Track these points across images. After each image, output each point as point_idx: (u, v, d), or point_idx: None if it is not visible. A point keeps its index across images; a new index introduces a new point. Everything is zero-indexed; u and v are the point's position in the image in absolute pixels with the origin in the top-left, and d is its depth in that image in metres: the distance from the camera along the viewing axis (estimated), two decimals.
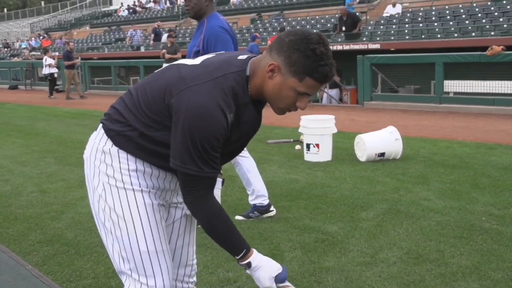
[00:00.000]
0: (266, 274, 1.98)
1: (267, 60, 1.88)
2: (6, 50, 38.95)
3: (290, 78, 1.85)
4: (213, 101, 1.82)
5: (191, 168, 1.85)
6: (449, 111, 11.86)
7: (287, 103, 1.92)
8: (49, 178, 6.48)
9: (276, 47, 1.88)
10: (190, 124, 1.81)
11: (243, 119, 1.93)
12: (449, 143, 8.01)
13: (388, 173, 6.23)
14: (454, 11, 18.92)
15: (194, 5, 4.22)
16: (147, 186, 2.01)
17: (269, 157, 7.29)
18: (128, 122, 1.96)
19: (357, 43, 17.55)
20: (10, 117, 13.40)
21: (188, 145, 1.83)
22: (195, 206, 1.94)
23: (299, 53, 1.82)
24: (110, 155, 1.99)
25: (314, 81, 1.85)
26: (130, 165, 1.99)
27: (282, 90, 1.88)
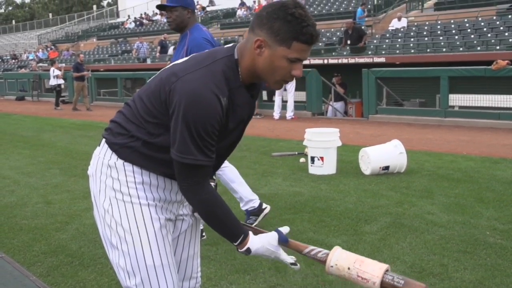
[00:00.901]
0: (269, 251, 2.02)
1: (252, 39, 1.90)
2: (14, 61, 39.25)
3: (279, 48, 1.86)
4: (206, 86, 1.84)
5: (186, 157, 1.86)
6: (454, 125, 11.86)
7: (282, 74, 1.92)
8: (54, 189, 6.51)
9: (257, 23, 1.90)
10: (184, 111, 1.82)
11: (237, 103, 1.94)
12: (454, 157, 8.01)
13: (392, 186, 6.23)
14: (459, 25, 18.97)
15: (176, 17, 4.22)
16: (153, 199, 2.03)
17: (273, 170, 7.30)
18: (130, 133, 1.99)
19: (362, 57, 17.61)
20: (17, 128, 13.47)
21: (184, 132, 1.84)
22: (190, 193, 1.94)
23: (280, 21, 1.84)
24: (116, 169, 2.01)
25: (302, 43, 1.86)
26: (136, 177, 2.00)
27: (274, 62, 1.88)
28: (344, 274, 1.93)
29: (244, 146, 9.31)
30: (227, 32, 27.84)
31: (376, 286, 1.84)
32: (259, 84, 2.10)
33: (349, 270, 1.91)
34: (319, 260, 1.99)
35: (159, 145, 1.96)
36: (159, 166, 2.00)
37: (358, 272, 1.89)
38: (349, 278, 1.92)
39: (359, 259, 1.93)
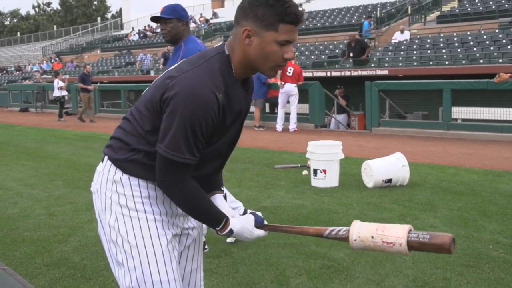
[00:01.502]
0: (248, 231, 2.05)
1: (239, 31, 1.92)
2: (18, 73, 39.44)
3: (266, 33, 1.88)
4: (203, 83, 1.85)
5: (174, 154, 1.87)
6: (457, 138, 11.85)
7: (274, 59, 1.93)
8: (57, 201, 6.52)
9: (240, 15, 1.93)
10: (182, 107, 1.83)
11: (232, 98, 1.95)
12: (457, 170, 8.00)
13: (395, 199, 6.22)
14: (462, 38, 19.04)
15: (171, 29, 4.25)
16: (160, 213, 2.03)
17: (276, 182, 7.30)
18: (131, 146, 2.00)
19: (365, 69, 17.68)
20: (20, 140, 13.51)
21: (178, 128, 1.85)
22: (171, 189, 1.95)
23: (262, 7, 1.87)
24: (122, 184, 2.01)
25: (288, 24, 1.89)
26: (142, 192, 2.01)
27: (265, 49, 1.90)
28: (369, 244, 1.90)
29: (247, 159, 9.33)
30: None
31: (403, 247, 1.82)
32: (251, 79, 2.12)
33: (373, 239, 1.89)
34: (341, 238, 1.97)
35: None
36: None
37: (383, 238, 1.87)
38: (375, 248, 1.90)
39: (380, 226, 1.91)
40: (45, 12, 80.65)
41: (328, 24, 28.20)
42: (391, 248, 1.85)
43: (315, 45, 24.24)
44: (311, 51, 23.24)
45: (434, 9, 25.79)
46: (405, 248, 1.81)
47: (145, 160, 1.98)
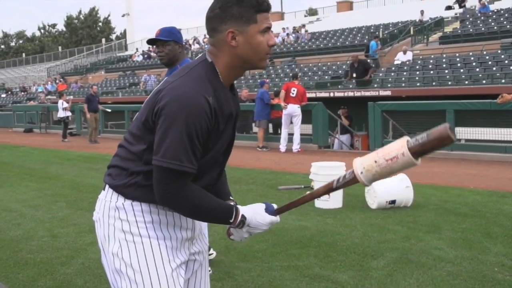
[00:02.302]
0: (260, 216, 2.06)
1: (221, 37, 1.95)
2: (23, 93, 39.68)
3: (248, 27, 1.93)
4: (192, 89, 1.86)
5: (172, 162, 1.82)
6: (461, 158, 11.83)
7: (262, 49, 1.97)
8: (61, 222, 6.52)
9: (215, 22, 1.95)
10: (173, 114, 1.82)
11: (222, 101, 1.95)
12: (461, 190, 7.97)
13: (399, 221, 6.20)
14: (464, 58, 19.13)
15: (169, 51, 4.29)
16: (164, 238, 2.02)
17: (279, 204, 7.25)
18: (130, 170, 1.99)
19: (368, 90, 17.75)
20: (24, 160, 13.54)
21: (173, 135, 1.82)
22: (174, 201, 1.90)
23: (235, 6, 1.92)
24: (125, 210, 2.00)
25: (263, 12, 1.96)
26: (145, 217, 2.00)
27: (252, 43, 1.94)
28: (376, 170, 1.86)
29: (251, 180, 9.33)
30: None
31: (406, 155, 1.79)
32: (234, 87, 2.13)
33: (377, 163, 1.86)
34: (350, 181, 1.95)
35: None
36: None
37: (385, 157, 1.84)
38: (382, 171, 1.86)
39: (379, 150, 1.89)
40: (50, 33, 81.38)
41: (331, 45, 28.38)
42: (396, 163, 1.81)
43: (318, 66, 24.37)
44: (314, 72, 23.37)
45: (436, 30, 25.98)
46: (409, 156, 1.77)
47: (145, 182, 1.97)
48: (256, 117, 15.17)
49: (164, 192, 1.88)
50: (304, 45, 30.10)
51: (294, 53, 28.89)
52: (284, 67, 26.11)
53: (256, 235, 2.24)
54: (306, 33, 32.29)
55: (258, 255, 4.99)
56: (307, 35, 31.94)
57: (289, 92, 13.88)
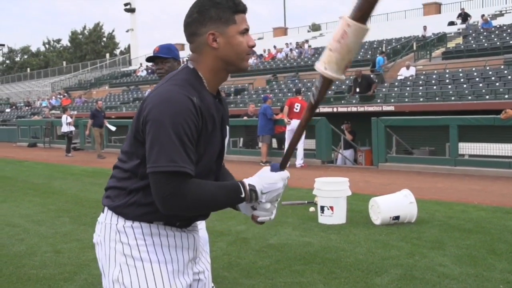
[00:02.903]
0: (268, 177, 1.97)
1: (202, 40, 1.95)
2: (27, 108, 39.84)
3: (228, 29, 1.94)
4: (174, 92, 1.85)
5: (165, 165, 1.77)
6: (465, 174, 11.80)
7: (243, 50, 1.97)
8: (64, 238, 6.51)
9: (195, 26, 1.96)
10: (159, 117, 1.80)
11: (207, 104, 1.93)
12: (465, 206, 7.95)
13: (403, 237, 6.17)
14: (467, 74, 19.16)
15: (168, 68, 4.30)
16: (165, 261, 1.98)
17: (283, 219, 7.27)
18: (128, 189, 1.97)
19: (372, 105, 17.77)
20: (28, 175, 13.57)
21: (162, 138, 1.78)
22: (175, 202, 1.81)
23: (213, 8, 1.93)
24: (125, 233, 1.97)
25: (241, 13, 1.97)
26: (146, 239, 1.97)
27: (232, 43, 1.95)
28: (336, 56, 1.74)
29: None
30: (237, 80, 28.24)
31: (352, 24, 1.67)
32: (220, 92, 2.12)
33: (332, 50, 1.74)
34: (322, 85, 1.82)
35: None
36: None
37: (335, 39, 1.73)
38: (343, 53, 1.73)
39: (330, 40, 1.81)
40: (55, 48, 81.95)
41: None
42: (348, 37, 1.70)
43: None
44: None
45: (439, 45, 26.06)
46: (354, 23, 1.67)
47: (144, 200, 1.94)
48: (259, 132, 15.19)
49: (164, 196, 1.79)
50: (307, 60, 30.20)
51: (297, 68, 28.99)
52: (287, 82, 26.19)
53: (277, 207, 2.12)
54: (309, 48, 32.42)
55: (261, 272, 4.97)
56: (310, 50, 32.06)
57: (292, 108, 13.92)
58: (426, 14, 39.35)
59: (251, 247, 5.85)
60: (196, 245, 2.13)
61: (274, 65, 31.59)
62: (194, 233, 2.14)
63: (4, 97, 53.46)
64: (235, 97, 25.10)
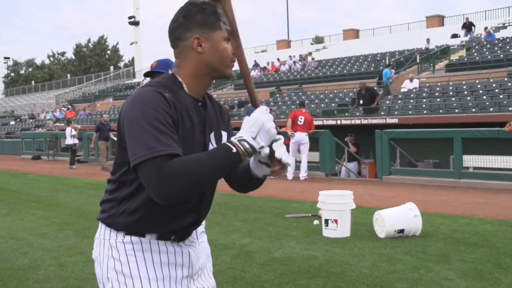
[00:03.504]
0: (249, 120, 1.83)
1: (186, 44, 1.94)
2: (32, 121, 39.97)
3: (214, 34, 1.94)
4: (144, 90, 1.86)
5: (145, 155, 1.72)
6: (469, 186, 11.76)
7: (227, 56, 1.96)
8: (68, 251, 6.50)
9: (180, 31, 1.96)
10: (130, 114, 1.80)
11: (184, 104, 1.90)
12: (470, 219, 7.91)
13: (408, 250, 6.14)
14: (471, 86, 19.15)
15: None
16: (156, 278, 1.96)
17: (287, 232, 7.24)
18: (118, 198, 1.97)
19: (375, 118, 17.76)
20: (32, 188, 13.58)
21: (134, 131, 1.77)
22: (165, 184, 1.71)
23: (199, 14, 1.94)
24: (117, 249, 1.97)
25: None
26: (137, 256, 1.96)
27: (217, 49, 1.94)
28: None
29: (258, 208, 9.30)
30: (241, 93, 28.28)
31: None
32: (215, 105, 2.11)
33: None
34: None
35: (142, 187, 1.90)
36: (155, 214, 1.93)
37: None
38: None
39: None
40: (60, 61, 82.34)
41: (337, 72, 28.53)
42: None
43: (325, 93, 24.46)
44: (321, 99, 23.45)
45: (443, 57, 26.09)
46: None
47: (132, 205, 1.93)
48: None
49: (152, 183, 1.72)
50: (310, 72, 30.28)
51: (301, 81, 29.04)
52: (291, 94, 26.22)
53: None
54: (313, 61, 32.51)
55: (266, 285, 4.95)
56: (314, 63, 32.15)
57: (296, 120, 13.93)
58: (429, 26, 39.46)
59: (255, 260, 5.82)
60: (192, 262, 2.09)
61: (277, 78, 31.65)
62: (191, 248, 2.11)
63: (9, 110, 53.68)
64: (238, 110, 25.13)
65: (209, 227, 7.40)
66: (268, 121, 1.82)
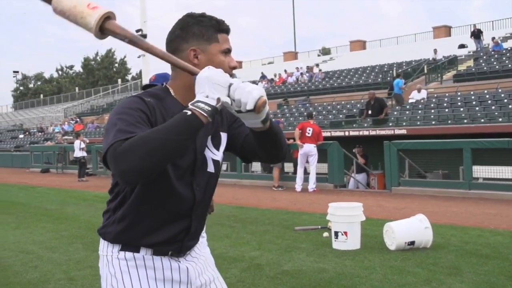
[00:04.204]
0: (197, 81, 1.75)
1: (183, 56, 1.91)
2: (40, 134, 40.18)
3: (210, 46, 1.93)
4: (128, 97, 1.89)
5: (105, 147, 1.70)
6: (480, 197, 11.67)
7: (224, 70, 1.86)
8: (77, 264, 6.49)
9: (177, 42, 1.95)
10: (110, 117, 1.82)
11: (170, 109, 1.89)
12: (481, 231, 7.84)
13: (419, 263, 6.08)
14: (479, 96, 19.09)
15: None
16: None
17: (297, 245, 7.21)
18: (111, 208, 2.00)
19: (384, 129, 17.71)
20: (41, 201, 13.61)
21: (107, 127, 1.78)
22: (122, 160, 1.64)
23: (196, 26, 1.94)
24: (113, 265, 1.99)
25: (224, 33, 1.97)
26: (131, 273, 1.97)
27: (214, 61, 1.92)
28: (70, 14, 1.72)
29: (267, 220, 9.27)
30: None
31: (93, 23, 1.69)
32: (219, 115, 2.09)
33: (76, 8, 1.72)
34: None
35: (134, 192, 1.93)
36: (145, 222, 1.94)
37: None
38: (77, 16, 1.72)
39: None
40: (68, 74, 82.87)
41: (344, 83, 28.55)
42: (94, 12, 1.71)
43: (332, 105, 24.46)
44: (329, 111, 23.44)
45: (450, 68, 26.07)
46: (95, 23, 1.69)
47: (121, 213, 1.95)
48: None
49: (113, 166, 1.67)
50: (318, 84, 30.30)
51: (308, 92, 29.07)
52: (298, 106, 26.24)
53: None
54: (320, 72, 32.55)
55: None
56: (321, 74, 32.18)
57: (304, 132, 13.92)
58: (436, 37, 39.49)
59: (265, 273, 5.79)
60: (190, 278, 2.07)
61: (285, 89, 31.71)
62: (190, 264, 2.09)
63: (18, 123, 54.02)
64: None
65: (218, 240, 7.40)
66: (211, 74, 1.73)
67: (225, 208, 10.54)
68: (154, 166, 1.66)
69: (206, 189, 2.04)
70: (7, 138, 44.61)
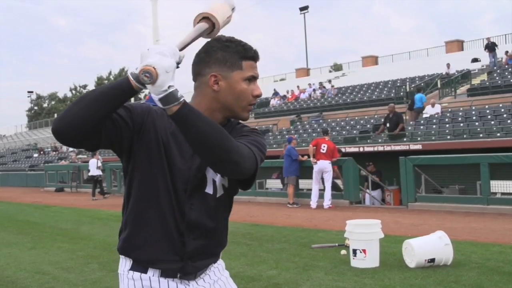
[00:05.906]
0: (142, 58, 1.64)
1: (204, 80, 1.90)
2: (55, 153, 40.43)
3: (233, 73, 1.88)
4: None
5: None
6: (498, 213, 11.50)
7: (246, 98, 1.90)
8: (93, 285, 6.44)
9: (200, 66, 1.92)
10: None
11: (172, 127, 1.86)
12: (502, 247, 7.69)
13: (440, 281, 5.96)
14: (494, 110, 18.93)
15: None
16: None
17: (314, 263, 7.11)
18: (123, 218, 2.01)
19: (399, 144, 17.58)
20: (56, 221, 13.62)
21: None
22: (60, 121, 1.68)
23: (220, 51, 1.88)
24: (123, 283, 2.00)
25: (249, 60, 1.90)
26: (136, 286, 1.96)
27: (235, 89, 1.88)
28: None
29: (283, 238, 9.18)
30: (261, 121, 28.36)
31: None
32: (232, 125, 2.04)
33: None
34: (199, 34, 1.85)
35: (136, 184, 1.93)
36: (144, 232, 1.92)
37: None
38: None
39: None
40: (81, 93, 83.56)
41: (357, 99, 28.48)
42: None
43: (345, 120, 24.39)
44: (342, 127, 23.37)
45: (464, 82, 25.94)
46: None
47: (124, 219, 1.97)
48: (284, 173, 15.17)
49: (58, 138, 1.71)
50: (331, 100, 30.27)
51: (321, 108, 29.04)
52: (311, 122, 26.20)
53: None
54: (333, 88, 32.53)
55: None
56: (334, 90, 32.16)
57: (319, 148, 13.87)
58: (449, 51, 39.40)
59: None
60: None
61: (297, 106, 31.72)
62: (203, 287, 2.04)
63: (32, 143, 54.44)
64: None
65: (234, 259, 7.32)
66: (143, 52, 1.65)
67: (241, 226, 10.47)
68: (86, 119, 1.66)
69: (204, 210, 1.94)
70: (22, 158, 44.94)
